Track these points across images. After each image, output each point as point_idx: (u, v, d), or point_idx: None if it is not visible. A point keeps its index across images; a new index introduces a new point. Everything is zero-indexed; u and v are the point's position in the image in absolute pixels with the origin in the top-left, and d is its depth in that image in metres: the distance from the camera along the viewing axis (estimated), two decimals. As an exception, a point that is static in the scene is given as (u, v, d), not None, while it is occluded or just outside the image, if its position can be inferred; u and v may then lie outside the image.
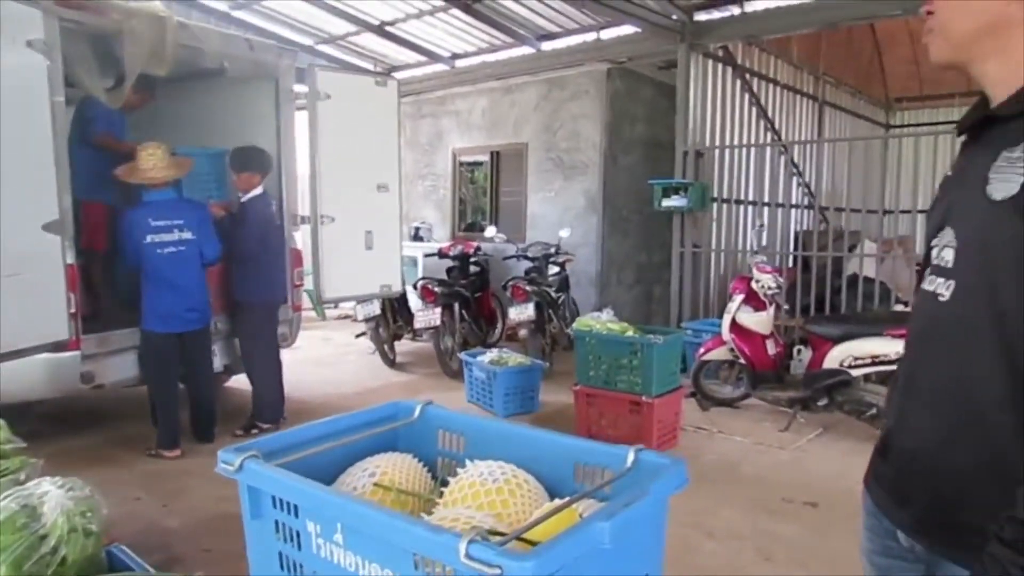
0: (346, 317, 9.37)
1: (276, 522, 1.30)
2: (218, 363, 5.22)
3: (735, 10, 6.94)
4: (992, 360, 1.09)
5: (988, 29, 1.14)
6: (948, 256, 1.18)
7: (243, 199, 5.10)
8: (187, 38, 4.64)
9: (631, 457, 1.33)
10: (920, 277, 1.28)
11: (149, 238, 4.49)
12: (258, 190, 5.11)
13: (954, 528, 1.14)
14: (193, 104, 5.86)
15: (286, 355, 5.75)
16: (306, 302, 7.47)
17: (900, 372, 1.31)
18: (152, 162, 4.49)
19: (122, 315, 4.79)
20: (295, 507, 1.25)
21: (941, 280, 1.19)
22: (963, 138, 1.27)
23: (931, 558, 1.20)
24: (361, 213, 5.86)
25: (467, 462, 1.46)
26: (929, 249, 1.25)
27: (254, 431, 4.98)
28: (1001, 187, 1.07)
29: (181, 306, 4.59)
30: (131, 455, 4.60)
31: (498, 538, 1.04)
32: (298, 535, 1.27)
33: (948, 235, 1.19)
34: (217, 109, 5.83)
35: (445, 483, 1.47)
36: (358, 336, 7.75)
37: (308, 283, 6.20)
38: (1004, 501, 1.04)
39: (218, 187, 5.61)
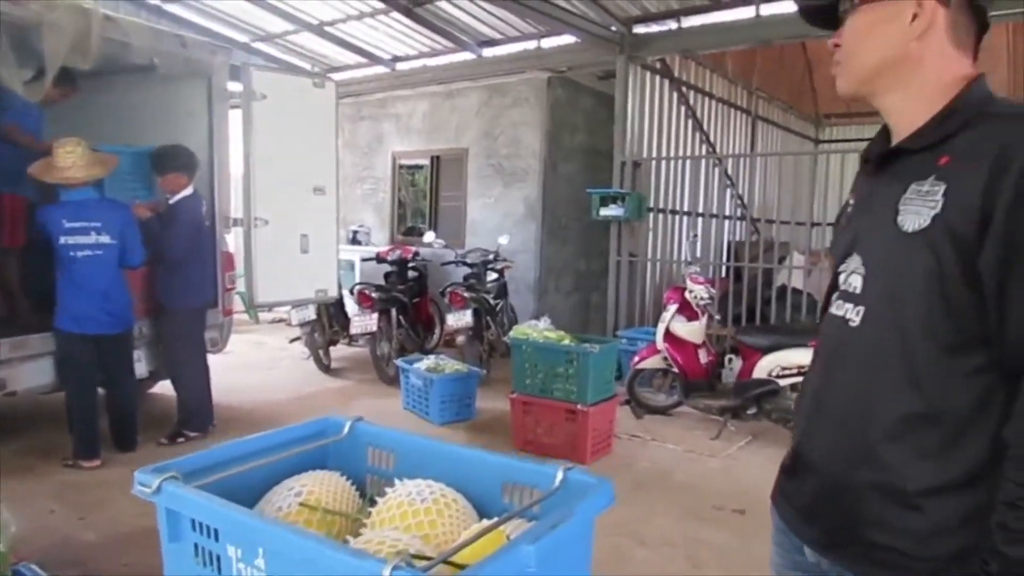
0: (280, 321, 9.18)
1: (195, 545, 1.26)
2: (142, 369, 5.03)
3: (672, 24, 7.08)
4: (898, 384, 1.13)
5: (891, 64, 1.18)
6: (856, 283, 1.21)
7: (171, 200, 4.94)
8: (114, 32, 4.47)
9: (559, 476, 1.33)
10: (827, 301, 1.31)
11: (63, 239, 4.28)
12: (188, 191, 4.96)
13: (858, 544, 1.18)
14: (121, 100, 5.64)
15: (217, 360, 5.60)
16: (239, 305, 7.31)
17: (807, 392, 1.34)
18: (71, 160, 4.27)
19: (38, 317, 4.58)
20: (215, 531, 1.21)
21: (850, 306, 1.22)
22: (866, 166, 1.31)
23: (837, 573, 1.23)
24: (297, 216, 5.76)
25: (396, 481, 1.44)
26: (837, 274, 1.29)
27: (180, 439, 4.82)
28: (912, 219, 1.11)
29: (96, 308, 4.38)
30: (46, 466, 4.38)
31: (423, 563, 1.02)
32: (218, 559, 1.22)
33: (856, 262, 1.22)
34: (147, 106, 5.63)
35: (374, 502, 1.45)
36: (292, 341, 7.59)
37: (241, 286, 6.07)
38: (903, 519, 1.12)
39: (146, 187, 5.40)
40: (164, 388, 5.64)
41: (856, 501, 1.17)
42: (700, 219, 8.25)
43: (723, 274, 7.50)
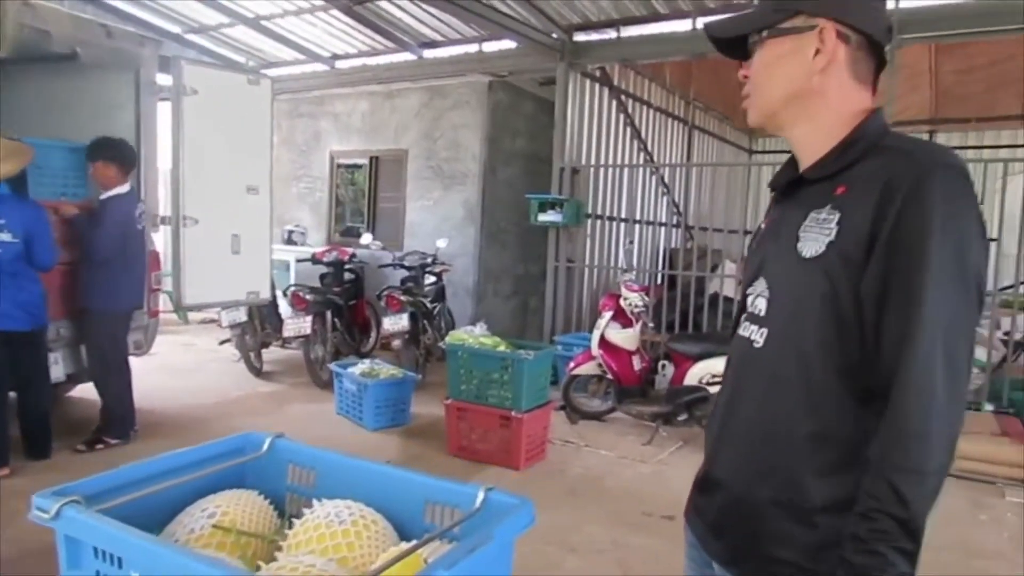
0: (211, 321, 8.93)
1: (97, 572, 1.20)
2: (60, 372, 4.80)
3: (612, 34, 7.17)
4: (797, 404, 1.17)
5: (795, 97, 1.23)
6: (761, 305, 1.26)
7: (102, 196, 4.73)
8: (32, 19, 4.28)
9: (480, 496, 1.32)
10: (737, 322, 1.35)
11: None
12: (122, 188, 4.74)
13: (758, 559, 1.22)
14: (41, 91, 5.40)
15: (142, 362, 5.42)
16: (167, 305, 7.08)
17: (716, 410, 1.38)
18: None
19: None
20: (119, 558, 1.16)
21: (755, 328, 1.26)
22: (775, 193, 1.36)
23: None
24: (228, 216, 5.61)
25: (315, 502, 1.40)
26: (745, 296, 1.33)
27: (99, 446, 4.64)
28: (809, 246, 1.16)
29: (8, 303, 4.16)
30: (-47, 474, 4.16)
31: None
32: (122, 587, 1.17)
33: (762, 285, 1.27)
34: (69, 98, 5.40)
35: (292, 523, 1.41)
36: (222, 343, 7.38)
37: (168, 286, 5.87)
38: (800, 535, 1.16)
39: (75, 185, 5.15)
40: (83, 392, 5.43)
41: (759, 517, 1.21)
42: (637, 226, 8.37)
43: (658, 281, 7.62)
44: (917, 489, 1.03)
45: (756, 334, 1.26)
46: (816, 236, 1.15)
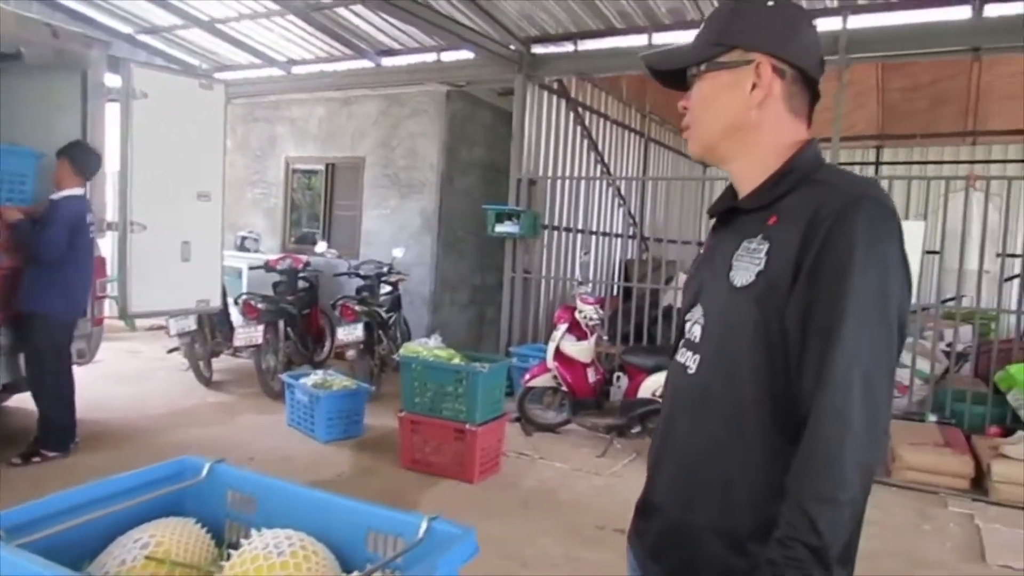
0: (159, 328, 8.70)
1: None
2: (-7, 380, 4.63)
3: (569, 47, 7.21)
4: (729, 431, 1.19)
5: (733, 130, 1.25)
6: (697, 332, 1.27)
7: (54, 196, 4.59)
8: (-27, 19, 4.14)
9: (423, 526, 1.30)
10: (676, 347, 1.36)
11: None
12: (76, 190, 4.64)
13: None
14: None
15: (85, 371, 5.26)
16: (112, 312, 6.89)
17: (655, 436, 1.38)
18: None
19: None
20: (40, 596, 1.11)
21: (690, 354, 1.28)
22: (712, 221, 1.38)
23: None
24: (178, 222, 5.49)
25: (253, 532, 1.36)
26: (684, 322, 1.34)
27: (36, 459, 4.48)
28: (740, 275, 1.17)
29: None
30: None
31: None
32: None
33: (698, 312, 1.29)
34: (12, 99, 5.22)
35: (230, 554, 1.37)
36: (170, 351, 7.21)
37: (115, 291, 5.72)
38: (733, 561, 1.17)
39: (19, 189, 4.96)
40: (21, 402, 5.24)
41: (695, 543, 1.22)
42: (593, 237, 8.41)
43: (614, 293, 7.66)
44: (830, 517, 1.03)
45: (690, 360, 1.27)
46: (747, 265, 1.17)
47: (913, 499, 4.73)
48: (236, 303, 6.92)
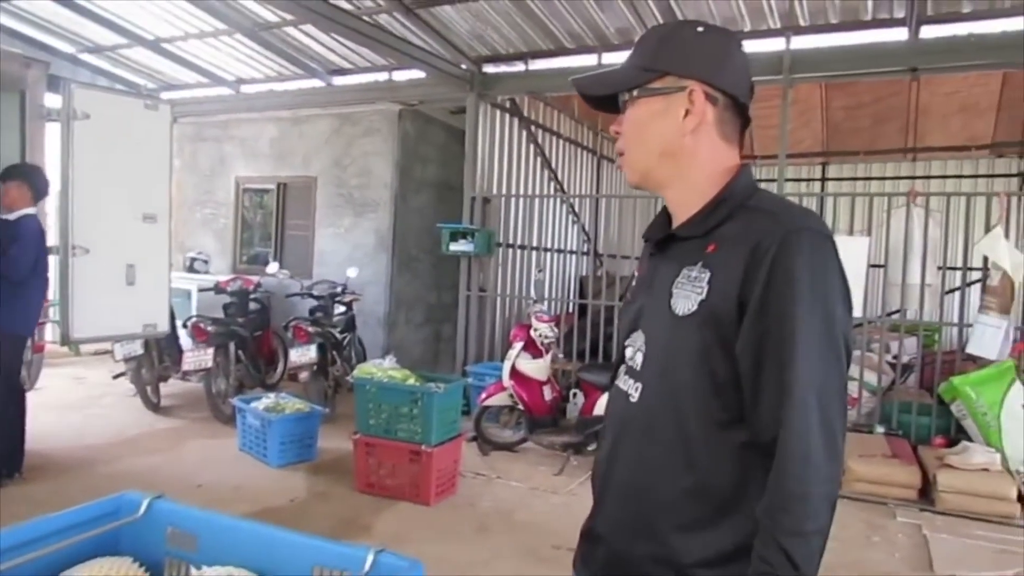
0: (106, 352, 8.46)
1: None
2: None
3: (521, 66, 7.27)
4: (673, 459, 1.19)
5: (668, 156, 1.25)
6: (638, 359, 1.27)
7: (11, 217, 4.53)
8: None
9: (369, 559, 1.28)
10: (616, 372, 1.36)
11: None
12: (31, 209, 4.60)
13: None
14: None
15: (27, 398, 5.08)
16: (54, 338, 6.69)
17: (598, 463, 1.37)
18: None
19: None
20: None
21: (632, 381, 1.27)
22: (648, 246, 1.38)
23: None
24: (122, 245, 5.36)
25: (193, 570, 1.32)
26: (624, 348, 1.34)
27: None
28: (682, 303, 1.18)
29: None
30: None
31: None
32: None
33: (639, 339, 1.28)
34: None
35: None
36: (116, 377, 7.00)
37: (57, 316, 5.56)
38: None
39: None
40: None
41: (638, 572, 1.22)
42: (548, 254, 8.45)
43: (569, 309, 7.69)
44: (804, 551, 1.06)
45: (632, 388, 1.27)
46: (688, 294, 1.17)
47: (863, 510, 4.82)
48: (185, 326, 6.76)
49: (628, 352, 1.31)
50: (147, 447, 5.68)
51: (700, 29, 1.26)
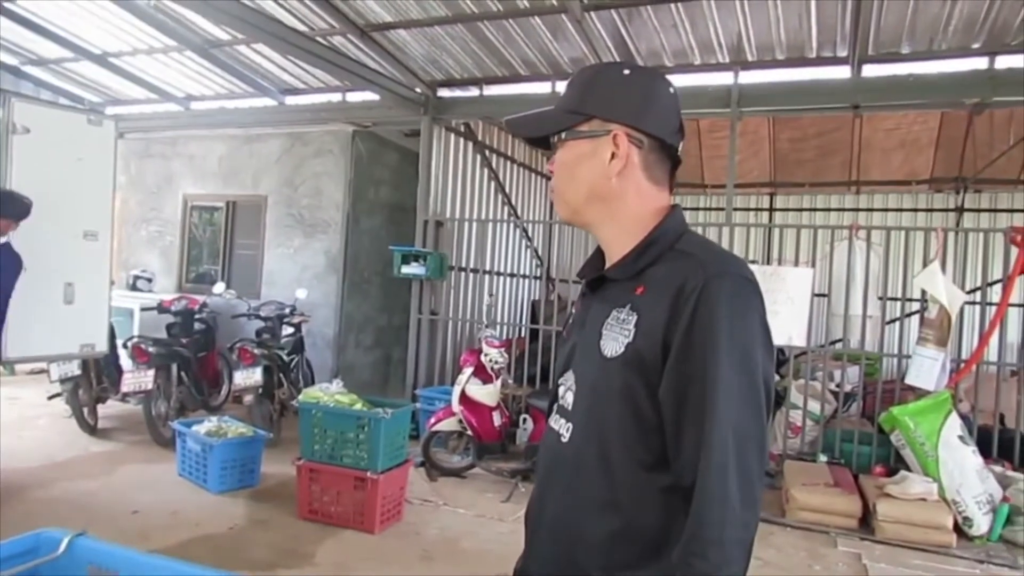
0: (42, 371, 8.16)
1: None
2: None
3: (475, 91, 7.31)
4: (601, 500, 1.19)
5: (596, 198, 1.26)
6: (569, 399, 1.27)
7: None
8: None
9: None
10: (549, 411, 1.36)
11: None
12: (6, 237, 4.58)
13: None
14: None
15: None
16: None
17: (533, 503, 1.37)
18: None
19: None
20: None
21: (564, 421, 1.28)
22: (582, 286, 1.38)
23: None
24: (60, 263, 5.22)
25: (113, 612, 1.27)
26: (557, 386, 1.34)
27: None
28: (610, 345, 1.18)
29: None
30: None
31: None
32: None
33: (570, 378, 1.29)
34: None
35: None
36: (51, 397, 6.75)
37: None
38: None
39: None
40: None
41: None
42: (500, 279, 8.45)
43: (521, 334, 7.69)
44: None
45: (564, 428, 1.27)
46: (616, 336, 1.18)
47: (805, 539, 4.88)
48: (125, 346, 6.57)
49: (560, 390, 1.32)
50: (83, 471, 5.47)
51: (626, 72, 1.27)
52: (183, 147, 9.03)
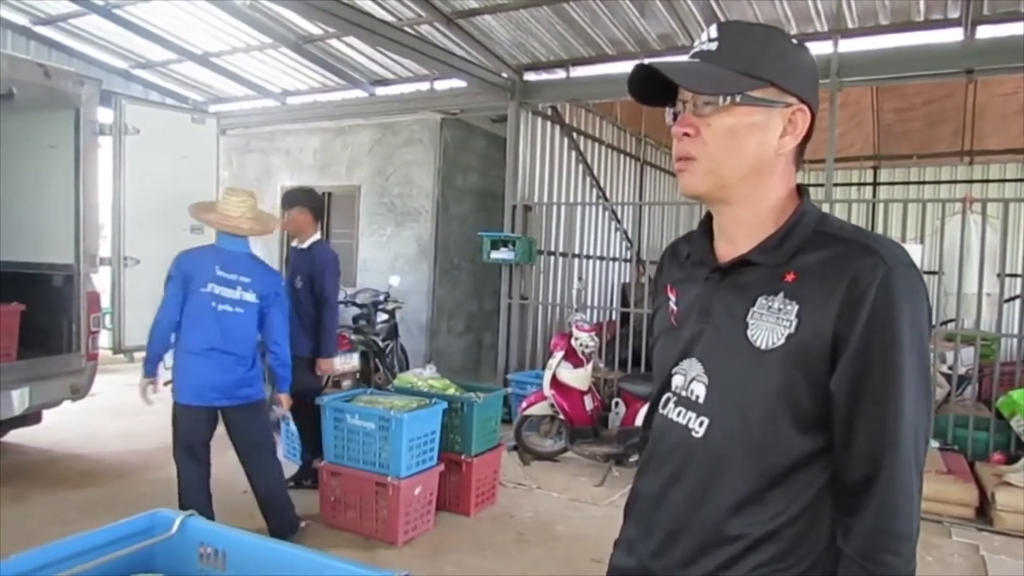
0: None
1: None
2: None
3: (562, 74, 7.25)
4: (739, 499, 1.13)
5: (752, 173, 1.14)
6: (699, 391, 1.18)
7: (304, 245, 5.07)
8: (-35, 61, 4.17)
9: (396, 584, 1.26)
10: (658, 399, 1.27)
11: (211, 287, 4.07)
12: (317, 235, 5.09)
13: None
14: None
15: (81, 405, 5.29)
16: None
17: (638, 496, 1.31)
18: (241, 210, 4.07)
19: None
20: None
21: (693, 415, 1.18)
22: (693, 269, 1.27)
23: None
24: (171, 255, 5.47)
25: (221, 590, 1.33)
26: (670, 375, 1.24)
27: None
28: (765, 336, 1.10)
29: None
30: None
31: None
32: None
33: (696, 368, 1.19)
34: (6, 138, 5.26)
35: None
36: (167, 384, 7.14)
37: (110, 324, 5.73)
38: None
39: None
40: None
41: None
42: (589, 262, 8.38)
43: (611, 317, 7.62)
44: None
45: (694, 423, 1.18)
46: (772, 326, 1.10)
47: (917, 527, 4.65)
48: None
49: (679, 380, 1.22)
50: (194, 454, 5.77)
51: (795, 42, 1.16)
52: (280, 141, 9.35)
